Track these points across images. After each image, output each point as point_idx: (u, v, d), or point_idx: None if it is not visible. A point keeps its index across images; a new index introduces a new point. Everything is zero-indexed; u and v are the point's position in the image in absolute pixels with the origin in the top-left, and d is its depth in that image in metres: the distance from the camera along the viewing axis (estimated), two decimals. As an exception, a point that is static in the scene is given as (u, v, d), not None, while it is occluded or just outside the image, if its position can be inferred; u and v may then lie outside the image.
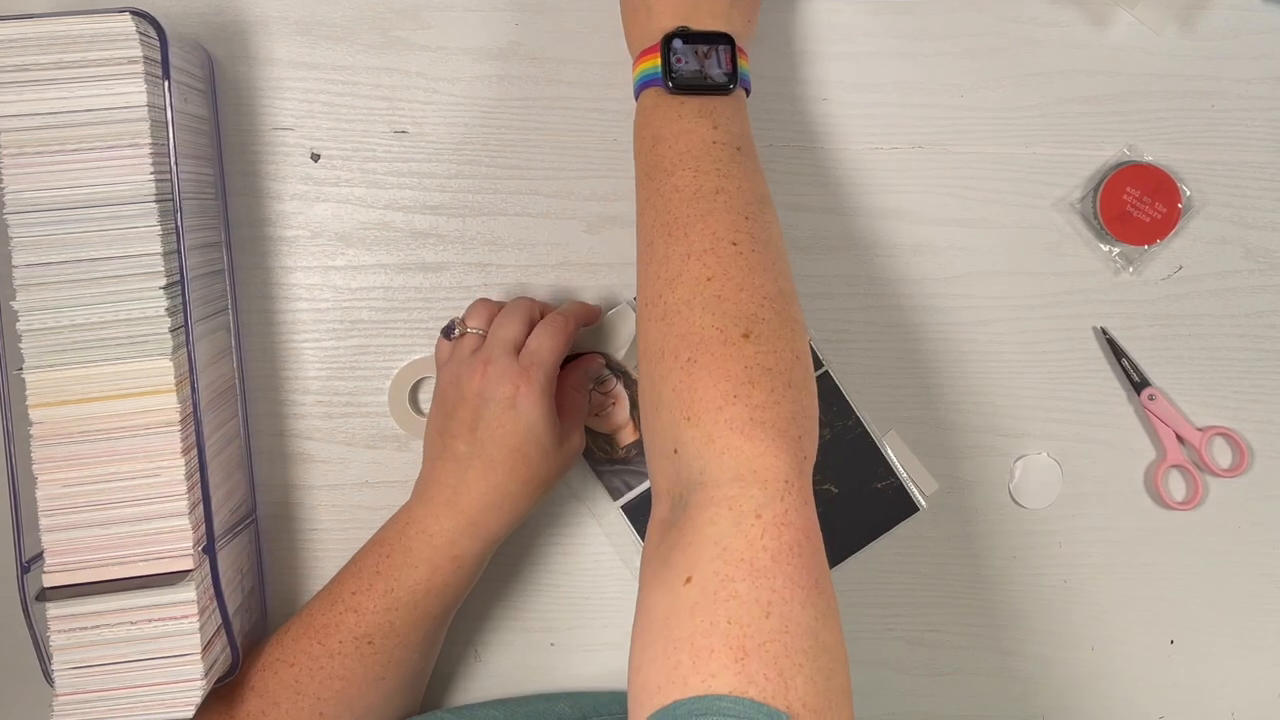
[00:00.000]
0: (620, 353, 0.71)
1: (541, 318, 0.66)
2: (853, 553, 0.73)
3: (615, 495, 0.73)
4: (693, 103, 0.60)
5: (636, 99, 0.63)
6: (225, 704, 0.64)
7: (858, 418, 0.73)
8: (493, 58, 0.73)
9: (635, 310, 0.64)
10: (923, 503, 0.73)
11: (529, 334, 0.64)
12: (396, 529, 0.65)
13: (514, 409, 0.62)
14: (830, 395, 0.73)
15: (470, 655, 0.74)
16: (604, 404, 0.72)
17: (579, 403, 0.68)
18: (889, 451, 0.72)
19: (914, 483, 0.72)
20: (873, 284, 0.74)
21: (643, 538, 0.69)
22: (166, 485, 0.61)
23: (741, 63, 0.62)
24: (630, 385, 0.72)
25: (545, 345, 0.64)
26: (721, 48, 0.61)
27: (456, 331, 0.65)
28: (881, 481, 0.73)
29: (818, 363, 0.73)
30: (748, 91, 0.63)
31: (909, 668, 0.75)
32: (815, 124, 0.73)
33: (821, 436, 0.69)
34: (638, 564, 0.67)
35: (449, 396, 0.64)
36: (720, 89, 0.61)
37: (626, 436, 0.72)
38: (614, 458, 0.72)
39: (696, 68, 0.60)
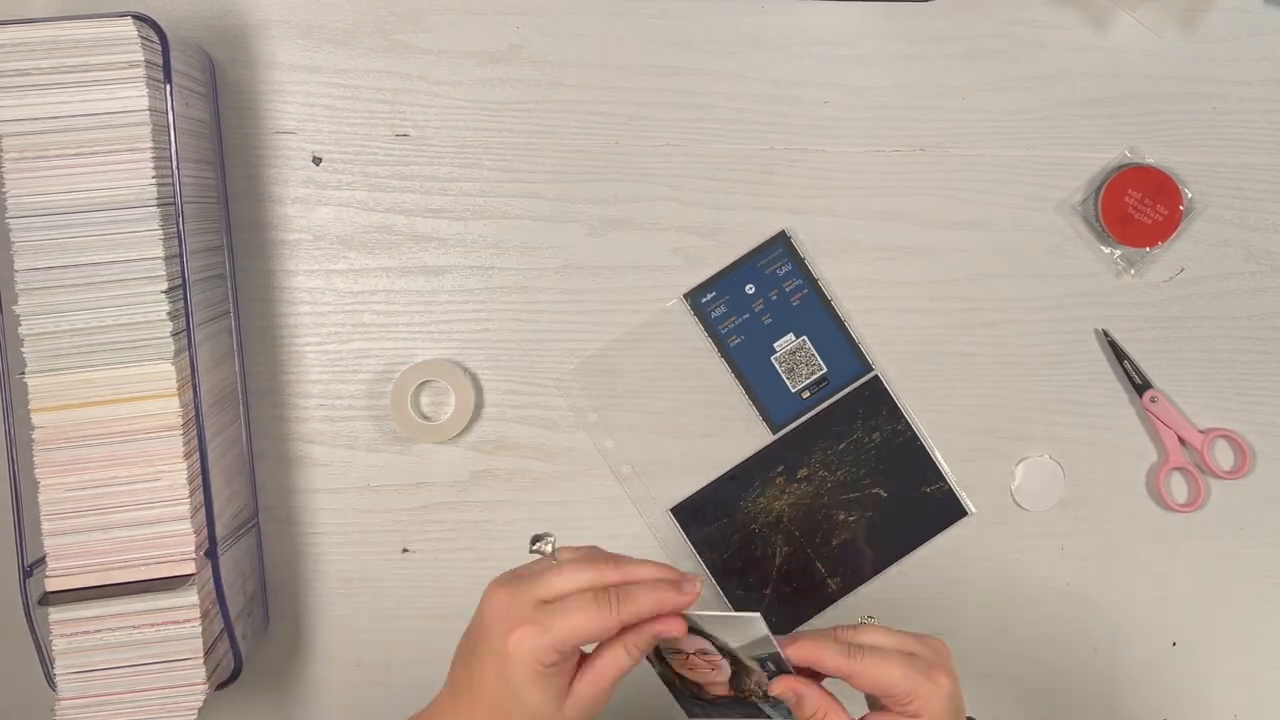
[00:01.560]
0: (737, 644, 0.55)
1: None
2: (901, 557, 0.73)
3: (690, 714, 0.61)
4: None
5: None
6: None
7: (907, 422, 0.73)
8: (494, 61, 0.73)
9: (760, 620, 0.53)
10: (972, 508, 0.73)
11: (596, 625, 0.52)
12: None
13: (502, 655, 0.51)
14: (880, 399, 0.73)
15: None
16: (701, 666, 0.57)
17: (619, 663, 0.53)
18: (938, 456, 0.72)
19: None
20: (874, 286, 0.74)
21: None
22: (168, 489, 0.61)
23: None
24: (738, 664, 0.56)
25: (573, 618, 0.51)
26: None
27: (535, 546, 0.54)
28: (930, 486, 0.73)
29: (867, 366, 0.73)
30: None
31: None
32: (817, 126, 0.73)
33: (870, 440, 0.70)
34: None
35: (476, 612, 0.55)
36: None
37: (719, 690, 0.58)
38: (700, 697, 0.59)
39: None
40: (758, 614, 0.53)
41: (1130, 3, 0.73)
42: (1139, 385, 0.74)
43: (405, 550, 0.74)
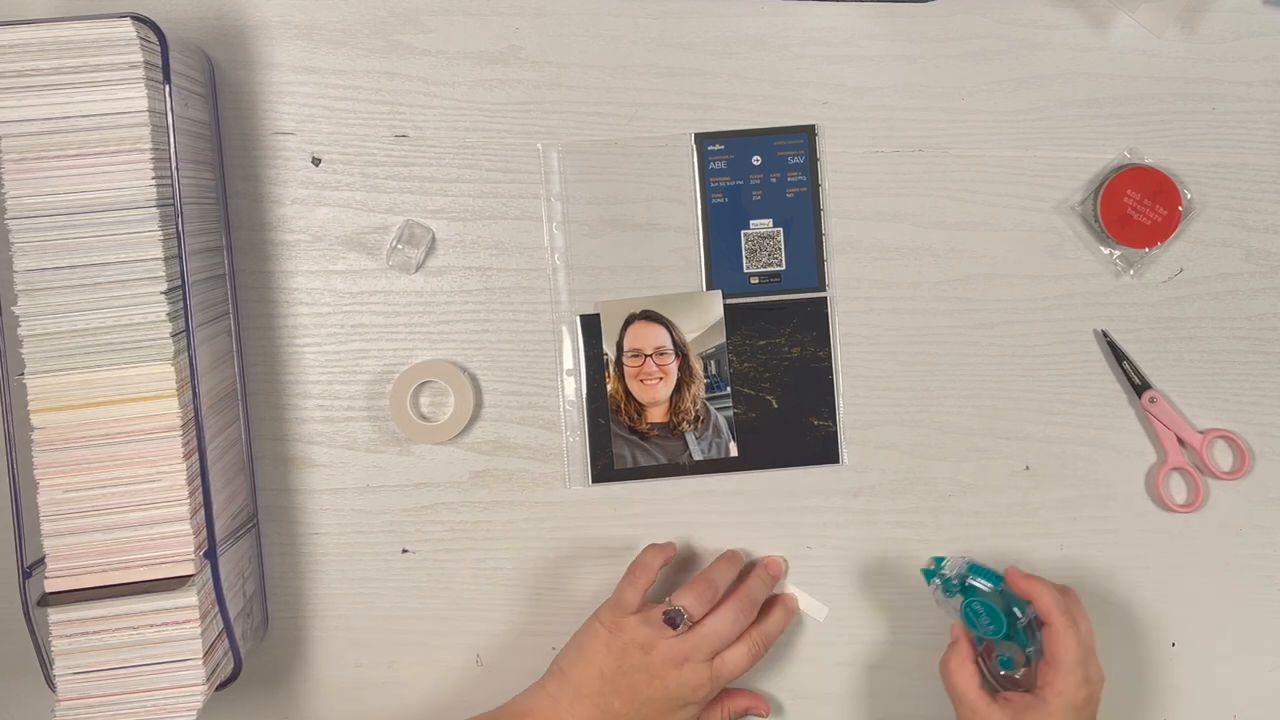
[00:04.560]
0: (693, 334, 0.72)
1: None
2: (763, 468, 0.74)
3: (619, 463, 0.73)
4: None
5: None
6: None
7: (830, 353, 0.74)
8: (493, 62, 0.73)
9: (720, 296, 0.72)
10: (846, 460, 0.74)
11: (739, 634, 0.68)
12: None
13: (681, 709, 0.66)
14: (817, 320, 0.74)
15: (472, 660, 0.74)
16: (654, 374, 0.73)
17: None
18: (841, 400, 0.73)
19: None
20: (873, 286, 0.74)
21: None
22: (168, 490, 0.61)
23: None
24: (685, 367, 0.73)
25: (741, 668, 0.68)
26: None
27: (679, 630, 0.66)
28: (819, 420, 0.74)
29: (821, 286, 0.74)
30: None
31: (910, 670, 0.75)
32: (816, 127, 0.73)
33: (789, 351, 0.72)
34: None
35: (631, 655, 0.65)
36: None
37: (655, 415, 0.73)
38: (636, 428, 0.73)
39: None
40: (719, 290, 0.71)
41: (1130, 3, 0.73)
42: (1138, 385, 0.74)
43: (405, 550, 0.74)
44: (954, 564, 0.70)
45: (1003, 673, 0.68)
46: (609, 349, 0.73)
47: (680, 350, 0.73)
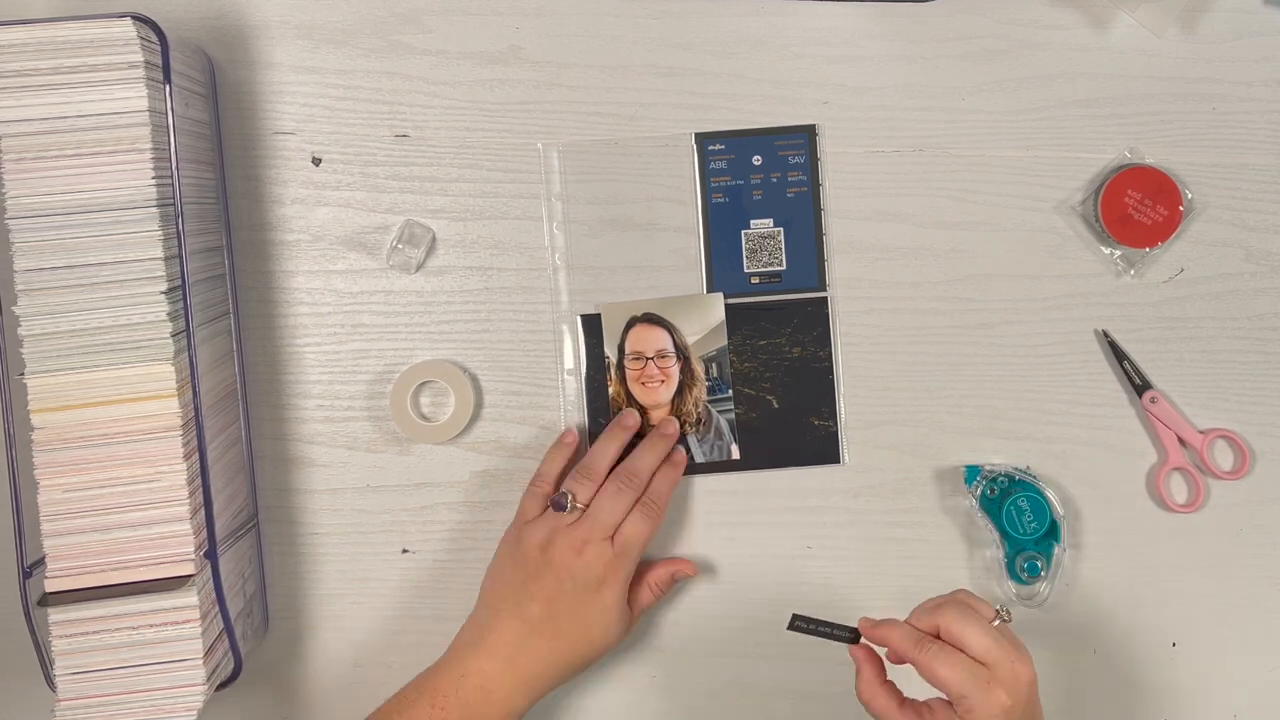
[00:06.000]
0: (694, 337, 0.73)
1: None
2: (764, 468, 0.74)
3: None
4: None
5: None
6: None
7: (830, 353, 0.74)
8: (493, 62, 0.73)
9: (721, 299, 0.72)
10: (847, 459, 0.74)
11: (631, 506, 0.67)
12: (452, 679, 0.64)
13: (597, 594, 0.65)
14: (818, 320, 0.74)
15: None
16: (655, 377, 0.73)
17: (649, 599, 0.71)
18: (842, 401, 0.73)
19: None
20: (874, 287, 0.74)
21: None
22: (168, 490, 0.61)
23: None
24: (687, 370, 0.73)
25: (640, 536, 0.67)
26: None
27: (569, 508, 0.66)
28: (820, 420, 0.74)
29: (822, 285, 0.74)
30: None
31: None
32: (816, 127, 0.73)
33: (789, 351, 0.72)
34: None
35: (532, 558, 0.66)
36: None
37: (657, 418, 0.73)
38: (637, 431, 0.73)
39: None
40: (720, 293, 0.72)
41: (1130, 3, 0.73)
42: (1139, 385, 0.74)
43: (405, 550, 0.74)
44: (993, 468, 0.72)
45: (1025, 586, 0.71)
46: (610, 352, 0.73)
47: (682, 353, 0.73)
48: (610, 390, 0.73)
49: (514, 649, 0.64)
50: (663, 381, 0.73)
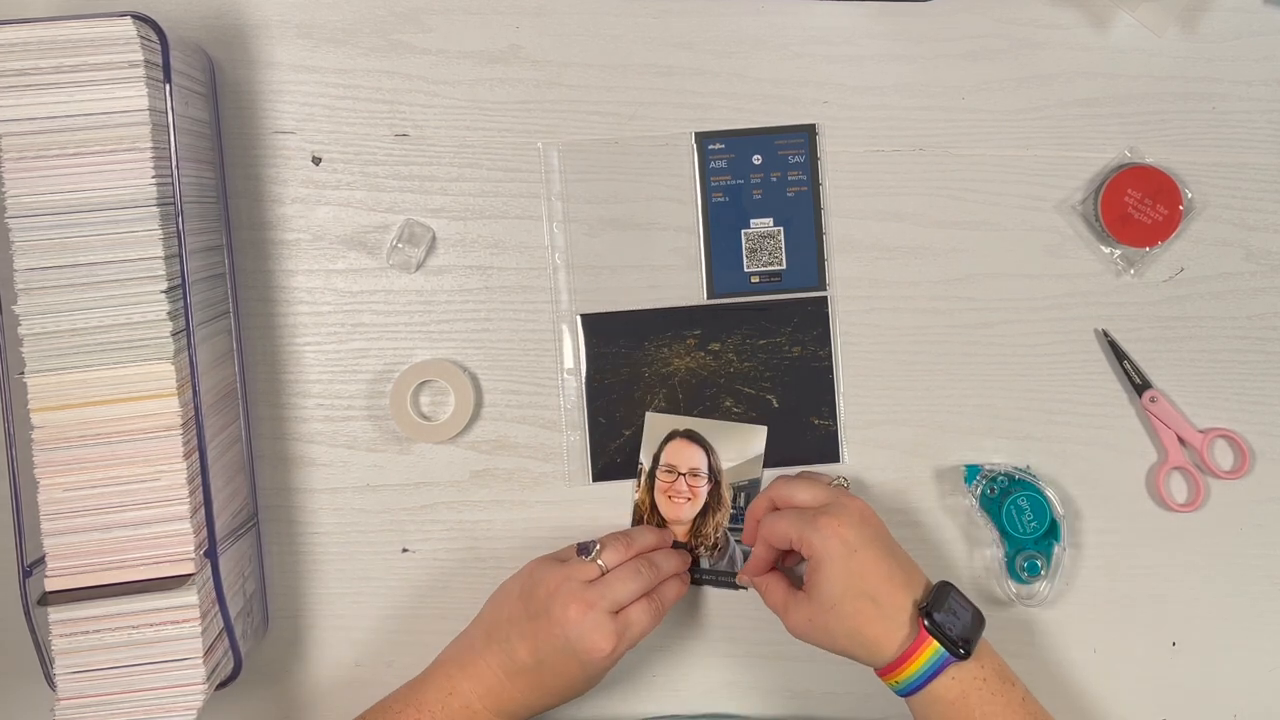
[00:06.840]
0: (730, 464, 0.73)
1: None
2: (763, 467, 0.74)
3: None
4: (989, 663, 0.62)
5: (917, 696, 0.62)
6: None
7: (830, 352, 0.74)
8: (493, 61, 0.73)
9: (764, 433, 0.73)
10: (847, 458, 0.74)
11: (642, 594, 0.66)
12: (439, 695, 0.65)
13: (585, 662, 0.64)
14: (818, 319, 0.74)
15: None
16: (683, 493, 0.73)
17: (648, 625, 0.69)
18: (841, 400, 0.73)
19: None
20: (874, 286, 0.74)
21: None
22: (168, 489, 0.61)
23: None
24: (715, 494, 0.73)
25: (642, 625, 0.65)
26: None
27: (591, 557, 0.66)
28: (820, 419, 0.74)
29: (822, 285, 0.74)
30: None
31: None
32: (816, 126, 0.73)
33: (789, 351, 0.72)
34: None
35: (538, 597, 0.65)
36: (980, 620, 0.63)
37: (677, 533, 0.74)
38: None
39: (965, 619, 0.62)
40: (764, 428, 0.73)
41: (1130, 2, 0.73)
42: (1139, 385, 0.74)
43: (405, 550, 0.74)
44: (993, 468, 0.73)
45: (1025, 585, 0.72)
46: (645, 459, 0.73)
47: (714, 476, 0.74)
48: (636, 496, 0.74)
49: (497, 682, 0.65)
50: (689, 499, 0.73)
